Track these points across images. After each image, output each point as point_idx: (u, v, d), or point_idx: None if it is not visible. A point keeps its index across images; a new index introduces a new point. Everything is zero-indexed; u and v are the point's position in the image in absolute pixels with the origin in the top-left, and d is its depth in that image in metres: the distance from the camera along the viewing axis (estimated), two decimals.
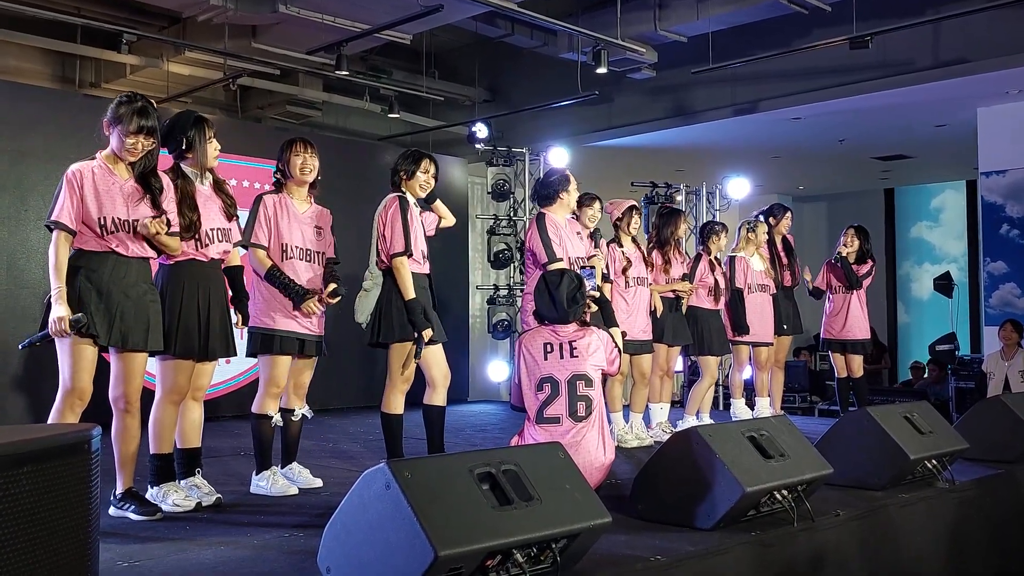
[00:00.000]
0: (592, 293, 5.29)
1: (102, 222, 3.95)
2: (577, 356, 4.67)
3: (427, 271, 5.09)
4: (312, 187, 4.94)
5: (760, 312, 7.44)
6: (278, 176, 4.91)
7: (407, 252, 4.89)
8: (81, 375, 3.93)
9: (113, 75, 10.52)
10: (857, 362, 7.93)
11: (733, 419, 7.04)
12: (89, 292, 3.92)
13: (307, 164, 4.84)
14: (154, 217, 4.02)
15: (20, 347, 4.05)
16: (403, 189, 5.12)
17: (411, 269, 4.93)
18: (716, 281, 7.09)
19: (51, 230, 3.93)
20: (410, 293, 4.89)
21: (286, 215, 4.81)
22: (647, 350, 6.58)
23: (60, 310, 3.82)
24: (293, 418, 4.94)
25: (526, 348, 4.77)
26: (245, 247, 4.75)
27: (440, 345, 5.11)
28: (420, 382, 5.20)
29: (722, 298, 7.18)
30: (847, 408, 7.85)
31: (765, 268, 7.55)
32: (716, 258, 7.28)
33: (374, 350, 5.25)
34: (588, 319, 5.02)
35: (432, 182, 5.16)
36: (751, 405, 7.68)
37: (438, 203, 5.28)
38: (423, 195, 5.15)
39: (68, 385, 3.93)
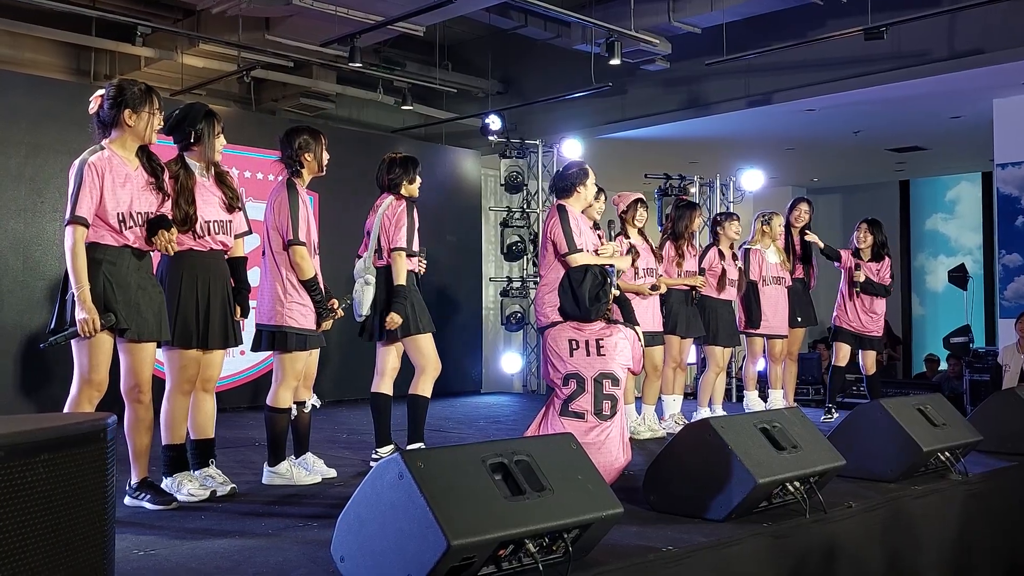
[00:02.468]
0: (613, 292, 5.23)
1: (121, 217, 3.96)
2: (604, 354, 4.59)
3: (415, 269, 5.39)
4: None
5: (775, 305, 7.42)
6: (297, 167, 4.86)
7: (407, 250, 5.21)
8: (99, 368, 3.95)
9: (128, 67, 10.55)
10: (871, 358, 7.71)
11: (746, 411, 7.04)
12: (111, 288, 3.94)
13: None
14: (159, 210, 4.08)
15: (42, 347, 4.04)
16: (404, 193, 5.35)
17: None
18: (724, 270, 7.09)
19: (67, 224, 3.89)
20: (402, 281, 5.20)
21: (309, 211, 4.88)
22: (658, 342, 6.59)
23: (88, 311, 3.83)
24: (304, 409, 4.97)
25: (551, 344, 4.70)
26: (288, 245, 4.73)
27: (430, 335, 5.32)
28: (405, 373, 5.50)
29: (730, 289, 7.17)
30: (835, 399, 7.70)
31: (780, 260, 7.52)
32: (732, 251, 7.28)
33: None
34: (615, 316, 4.99)
35: None
36: (764, 397, 7.67)
37: None
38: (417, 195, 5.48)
39: (86, 377, 3.95)
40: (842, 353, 7.71)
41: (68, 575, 2.05)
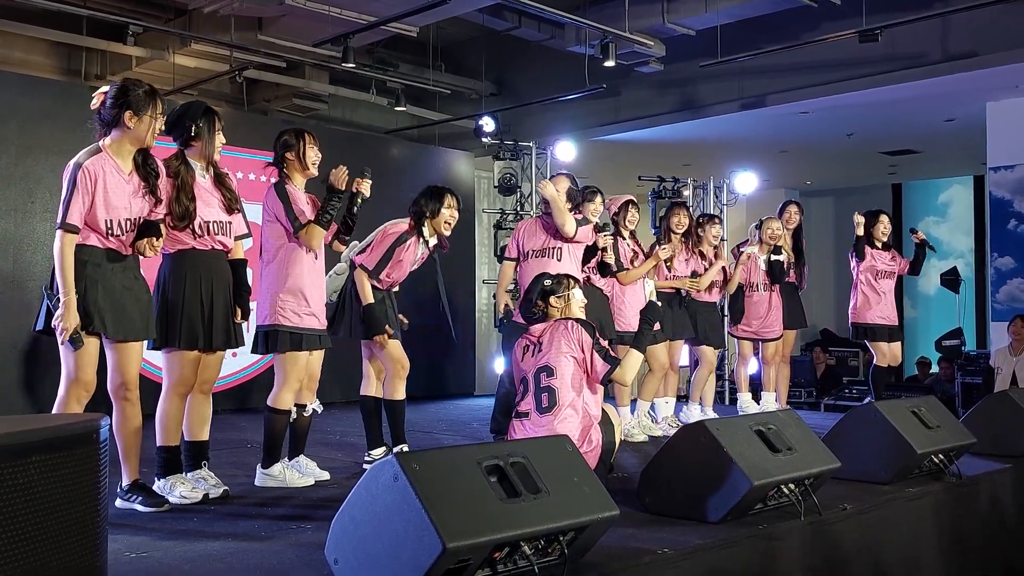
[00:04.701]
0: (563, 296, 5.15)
1: (108, 225, 3.93)
2: (542, 351, 4.61)
3: (386, 289, 5.37)
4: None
5: (766, 309, 7.40)
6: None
7: (372, 275, 5.20)
8: (86, 367, 3.93)
9: (119, 67, 10.53)
10: (899, 348, 7.80)
11: (740, 413, 7.04)
12: (95, 288, 3.92)
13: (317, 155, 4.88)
14: (151, 214, 4.07)
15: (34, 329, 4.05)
16: (425, 226, 5.31)
17: (371, 282, 5.22)
18: (703, 270, 7.11)
19: (58, 229, 3.86)
20: (369, 299, 5.17)
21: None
22: (658, 340, 6.58)
23: (67, 319, 3.82)
24: (305, 413, 4.94)
25: (514, 354, 4.75)
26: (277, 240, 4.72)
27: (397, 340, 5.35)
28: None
29: (715, 291, 7.18)
30: (881, 397, 7.59)
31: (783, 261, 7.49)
32: (716, 252, 7.25)
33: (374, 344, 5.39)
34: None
35: (456, 215, 5.42)
36: (757, 399, 7.66)
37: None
38: (448, 232, 5.42)
39: (73, 377, 3.92)
40: (883, 351, 7.70)
41: None
